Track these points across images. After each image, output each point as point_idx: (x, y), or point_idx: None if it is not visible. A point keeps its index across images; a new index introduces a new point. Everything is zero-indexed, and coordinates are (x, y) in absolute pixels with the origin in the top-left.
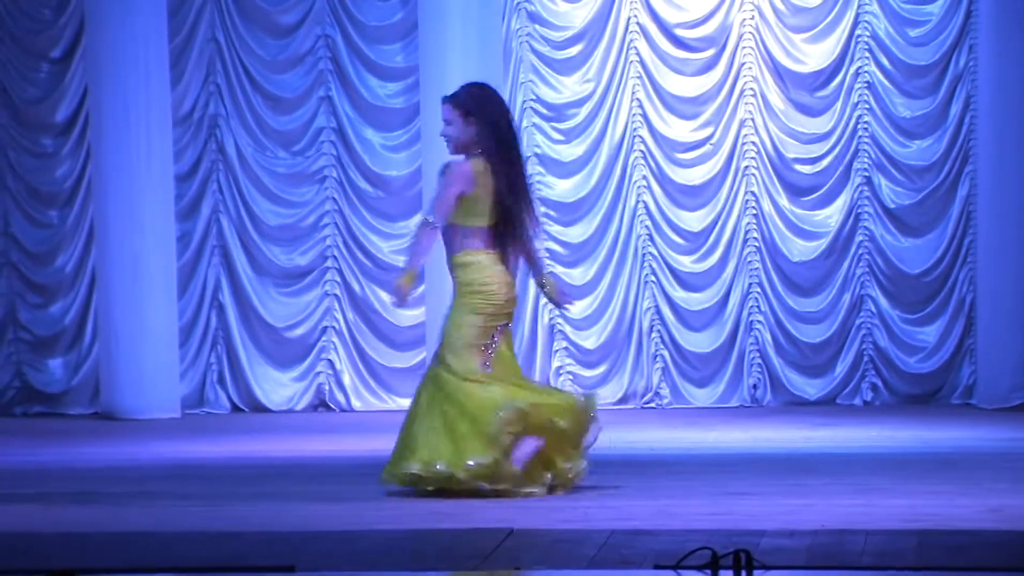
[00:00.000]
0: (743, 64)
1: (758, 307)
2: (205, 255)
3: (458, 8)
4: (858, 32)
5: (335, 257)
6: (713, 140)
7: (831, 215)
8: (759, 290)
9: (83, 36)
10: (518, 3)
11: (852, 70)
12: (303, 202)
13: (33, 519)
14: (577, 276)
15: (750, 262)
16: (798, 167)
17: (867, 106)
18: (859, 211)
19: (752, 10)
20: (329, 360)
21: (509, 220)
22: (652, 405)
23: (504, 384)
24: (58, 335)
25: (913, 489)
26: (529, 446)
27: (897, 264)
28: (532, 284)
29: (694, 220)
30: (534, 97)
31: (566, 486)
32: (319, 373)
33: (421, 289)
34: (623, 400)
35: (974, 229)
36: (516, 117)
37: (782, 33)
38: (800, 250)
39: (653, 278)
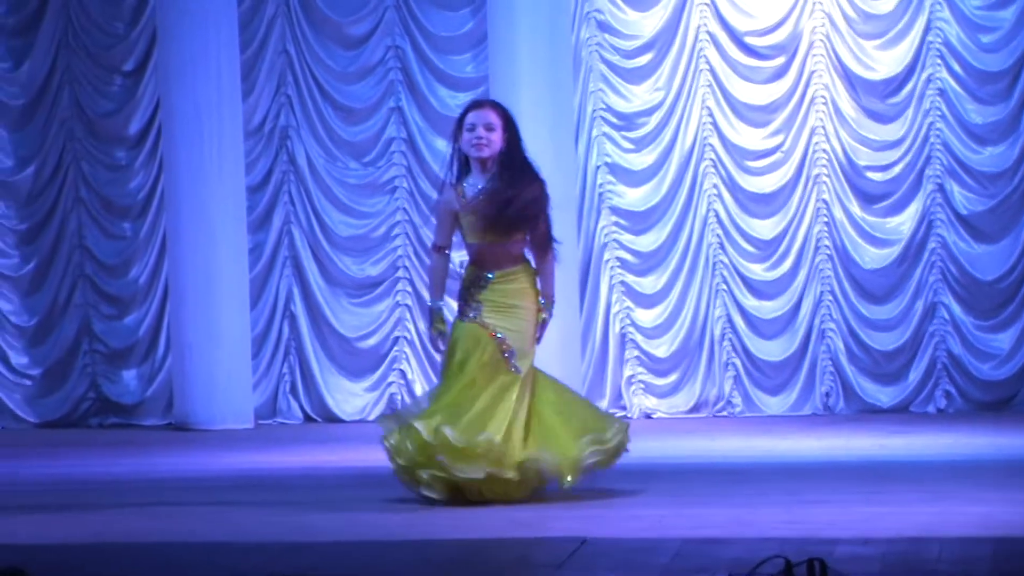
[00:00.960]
0: (814, 71)
1: (830, 315)
2: (277, 266)
3: (528, 18)
4: (930, 38)
5: (406, 267)
6: (784, 148)
7: (903, 222)
8: (831, 298)
9: (155, 49)
10: (588, 12)
11: (924, 77)
12: (374, 212)
13: (108, 530)
14: (648, 285)
15: (822, 270)
16: (870, 174)
17: (939, 113)
18: (931, 218)
19: (823, 17)
20: (401, 370)
21: None
22: (724, 413)
23: None
24: (132, 347)
25: (988, 497)
26: None
27: (970, 271)
28: (603, 291)
29: (765, 228)
30: (604, 106)
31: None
32: (391, 383)
33: None
34: (695, 408)
35: None
36: (587, 126)
37: (853, 40)
38: (872, 257)
39: (724, 286)
